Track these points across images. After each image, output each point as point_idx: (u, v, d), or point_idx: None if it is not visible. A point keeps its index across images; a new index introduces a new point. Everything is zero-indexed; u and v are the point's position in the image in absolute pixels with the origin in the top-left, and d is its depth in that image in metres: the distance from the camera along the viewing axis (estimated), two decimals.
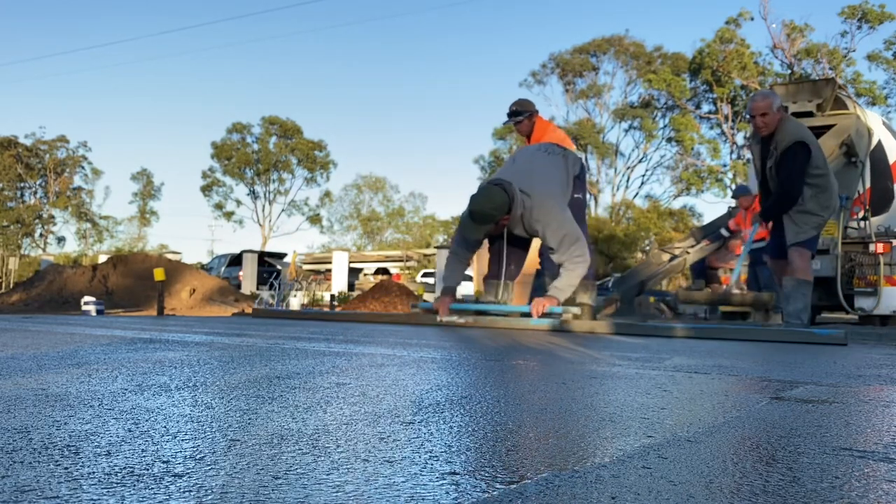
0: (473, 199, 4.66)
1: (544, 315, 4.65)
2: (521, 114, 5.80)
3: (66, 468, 0.89)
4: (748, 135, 5.42)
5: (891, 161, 8.86)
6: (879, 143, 8.68)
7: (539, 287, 5.18)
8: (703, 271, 8.92)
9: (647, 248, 34.55)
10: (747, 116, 5.06)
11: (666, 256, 9.76)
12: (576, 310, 4.70)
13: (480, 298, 5.61)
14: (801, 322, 4.67)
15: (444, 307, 4.96)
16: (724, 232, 8.41)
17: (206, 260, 30.92)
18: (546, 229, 4.67)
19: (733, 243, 8.25)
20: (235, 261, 24.29)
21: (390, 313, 6.06)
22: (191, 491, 0.80)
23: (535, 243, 5.26)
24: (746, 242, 6.60)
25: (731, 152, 34.90)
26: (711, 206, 77.69)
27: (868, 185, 8.38)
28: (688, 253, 9.37)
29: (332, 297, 15.57)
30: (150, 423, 1.20)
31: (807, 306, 4.75)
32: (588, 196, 11.07)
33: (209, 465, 0.92)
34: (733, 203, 9.01)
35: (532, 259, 5.46)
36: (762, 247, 7.28)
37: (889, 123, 9.48)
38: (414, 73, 70.64)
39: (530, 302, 4.84)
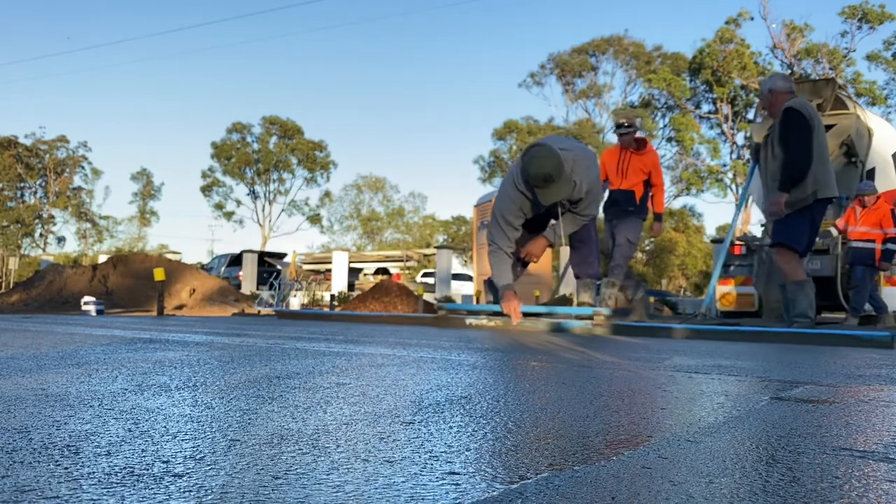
0: (534, 162, 4.54)
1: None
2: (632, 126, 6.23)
3: (66, 468, 0.88)
4: (748, 134, 5.46)
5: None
6: (873, 171, 8.62)
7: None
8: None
9: (648, 247, 34.53)
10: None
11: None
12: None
13: (480, 299, 5.61)
14: (808, 320, 4.67)
15: (516, 310, 4.82)
16: (832, 231, 7.64)
17: (206, 260, 30.88)
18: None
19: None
20: (235, 261, 24.25)
21: (411, 315, 6.00)
22: (191, 491, 0.80)
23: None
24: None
25: (731, 152, 34.89)
26: (711, 206, 77.87)
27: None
28: None
29: (332, 297, 15.53)
30: (150, 423, 1.20)
31: (811, 303, 4.73)
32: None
33: (209, 465, 0.92)
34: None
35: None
36: (861, 247, 7.27)
37: None
38: (414, 72, 70.61)
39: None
